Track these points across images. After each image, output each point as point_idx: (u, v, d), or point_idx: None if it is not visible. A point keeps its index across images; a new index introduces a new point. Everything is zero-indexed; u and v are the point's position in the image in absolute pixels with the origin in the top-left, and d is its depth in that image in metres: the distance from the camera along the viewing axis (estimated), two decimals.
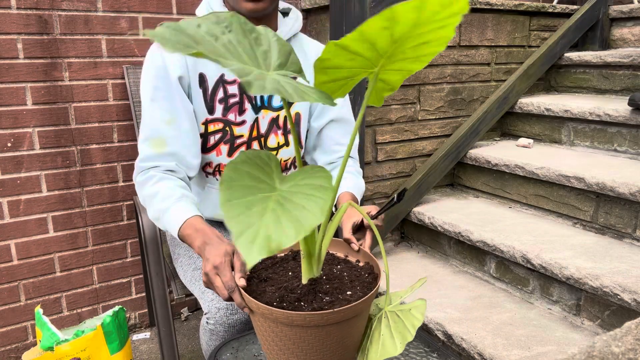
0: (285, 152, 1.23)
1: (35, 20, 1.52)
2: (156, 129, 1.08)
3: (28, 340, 1.73)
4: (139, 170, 1.10)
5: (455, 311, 1.52)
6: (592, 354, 0.40)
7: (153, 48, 1.11)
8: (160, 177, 1.07)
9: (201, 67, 1.12)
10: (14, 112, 1.55)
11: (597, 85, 2.22)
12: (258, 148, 1.20)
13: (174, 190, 1.05)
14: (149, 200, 1.06)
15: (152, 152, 1.08)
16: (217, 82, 1.13)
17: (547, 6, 2.27)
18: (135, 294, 1.90)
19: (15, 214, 1.61)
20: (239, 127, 1.17)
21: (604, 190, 1.58)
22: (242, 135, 1.18)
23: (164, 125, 1.08)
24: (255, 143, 1.19)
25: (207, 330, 1.07)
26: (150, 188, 1.06)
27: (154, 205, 1.05)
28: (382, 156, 1.94)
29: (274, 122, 1.19)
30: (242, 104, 1.16)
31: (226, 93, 1.14)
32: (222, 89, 1.14)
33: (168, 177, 1.08)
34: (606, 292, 1.32)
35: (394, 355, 0.77)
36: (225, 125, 1.16)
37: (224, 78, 1.14)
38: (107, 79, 1.66)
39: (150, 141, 1.09)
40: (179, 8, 1.71)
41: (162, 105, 1.09)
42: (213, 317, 1.06)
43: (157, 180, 1.07)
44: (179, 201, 1.02)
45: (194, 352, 1.81)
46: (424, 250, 2.00)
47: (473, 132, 2.06)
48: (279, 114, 1.19)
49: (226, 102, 1.14)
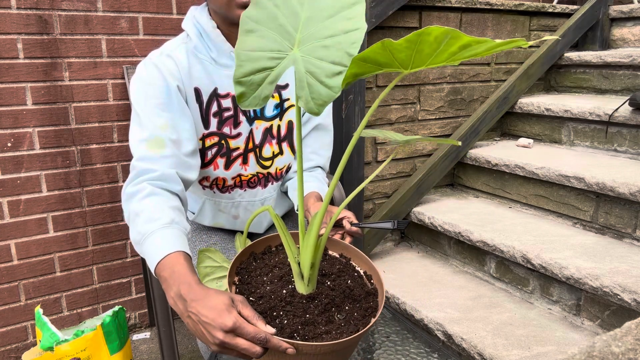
0: (280, 160, 1.22)
1: (35, 20, 1.52)
2: (152, 131, 1.03)
3: (28, 340, 1.73)
4: (134, 176, 0.99)
5: (455, 311, 1.51)
6: (592, 354, 0.40)
7: (146, 61, 1.08)
8: (150, 191, 0.94)
9: (195, 81, 1.09)
10: (14, 112, 1.55)
11: (597, 85, 2.22)
12: (254, 160, 1.19)
13: (162, 213, 0.90)
14: (133, 219, 0.92)
15: (151, 152, 1.01)
16: (210, 96, 1.11)
17: (547, 6, 2.27)
18: (135, 294, 1.90)
19: (15, 214, 1.61)
20: (235, 140, 1.15)
21: (604, 190, 1.58)
22: (238, 147, 1.16)
23: (160, 129, 1.03)
24: (251, 155, 1.18)
25: None
26: (136, 204, 0.93)
27: (137, 226, 0.90)
28: (382, 156, 1.94)
29: (267, 131, 1.18)
30: (237, 117, 1.14)
31: (220, 107, 1.12)
32: (215, 102, 1.12)
33: (159, 192, 0.96)
34: (606, 292, 1.32)
35: None
36: (220, 139, 1.14)
37: (217, 92, 1.12)
38: (107, 79, 1.66)
39: (148, 142, 1.01)
40: (179, 8, 1.71)
41: (158, 111, 1.04)
42: None
43: (146, 195, 0.93)
44: (164, 229, 0.87)
45: (194, 352, 1.81)
46: (424, 250, 2.00)
47: (473, 132, 2.06)
48: (272, 123, 1.19)
49: (220, 116, 1.13)
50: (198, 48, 1.09)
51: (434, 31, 0.51)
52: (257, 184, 1.22)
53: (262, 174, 1.21)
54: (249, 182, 1.21)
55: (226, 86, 1.12)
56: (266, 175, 1.22)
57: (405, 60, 0.56)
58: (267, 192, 1.25)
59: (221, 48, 1.09)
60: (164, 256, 0.82)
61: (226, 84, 1.12)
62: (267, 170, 1.22)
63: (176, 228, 0.89)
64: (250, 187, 1.22)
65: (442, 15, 1.96)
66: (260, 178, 1.22)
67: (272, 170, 1.22)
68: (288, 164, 1.25)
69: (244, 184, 1.21)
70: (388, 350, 0.91)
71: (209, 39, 1.09)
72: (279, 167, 1.23)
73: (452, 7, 1.96)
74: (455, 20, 2.00)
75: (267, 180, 1.23)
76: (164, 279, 0.80)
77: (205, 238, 1.27)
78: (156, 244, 0.85)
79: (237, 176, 1.19)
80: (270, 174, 1.23)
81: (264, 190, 1.24)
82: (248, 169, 1.19)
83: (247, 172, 1.19)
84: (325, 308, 0.73)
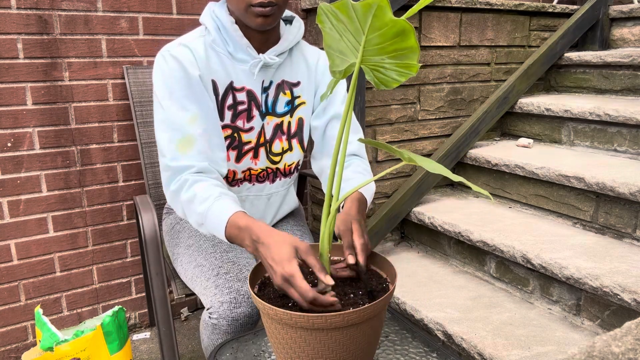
0: (289, 156, 1.24)
1: (35, 20, 1.52)
2: (180, 129, 1.05)
3: (28, 340, 1.73)
4: (172, 175, 1.04)
5: (455, 311, 1.52)
6: (592, 354, 0.40)
7: (164, 52, 1.09)
8: (194, 179, 1.02)
9: (213, 73, 1.11)
10: (14, 112, 1.55)
11: (597, 85, 2.22)
12: (264, 154, 1.20)
13: (212, 190, 0.99)
14: (188, 207, 1.01)
15: (182, 152, 1.04)
16: (226, 89, 1.13)
17: (547, 6, 2.27)
18: (135, 294, 1.90)
19: (15, 214, 1.61)
20: (247, 134, 1.17)
21: (604, 190, 1.58)
22: (250, 141, 1.18)
23: (188, 125, 1.05)
24: (262, 149, 1.20)
25: (209, 325, 1.07)
26: (185, 193, 1.01)
27: (194, 210, 0.99)
28: (382, 156, 1.94)
29: (278, 127, 1.20)
30: (251, 110, 1.16)
31: (235, 100, 1.14)
32: (231, 95, 1.14)
33: (202, 178, 1.03)
34: (606, 292, 1.32)
35: None
36: (233, 132, 1.16)
37: (233, 85, 1.14)
38: (107, 79, 1.66)
39: (178, 142, 1.05)
40: (179, 8, 1.71)
41: (183, 103, 1.06)
42: (216, 312, 1.05)
43: (192, 183, 1.02)
44: (218, 200, 0.96)
45: (194, 352, 1.81)
46: (424, 250, 2.00)
47: (473, 132, 2.06)
48: (283, 119, 1.21)
49: (235, 109, 1.15)
50: (216, 42, 1.12)
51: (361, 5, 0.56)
52: (266, 179, 1.24)
53: (271, 169, 1.23)
54: (258, 176, 1.23)
55: (242, 80, 1.14)
56: (275, 170, 1.24)
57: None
58: (274, 188, 1.26)
59: (238, 43, 1.11)
60: (226, 221, 0.92)
61: (242, 78, 1.14)
62: (276, 166, 1.23)
63: (226, 198, 0.97)
64: (258, 182, 1.24)
65: (442, 15, 1.96)
66: (269, 173, 1.24)
67: (281, 166, 1.24)
68: (297, 160, 1.26)
69: (253, 178, 1.22)
70: (387, 350, 0.91)
71: (227, 34, 1.11)
72: (287, 163, 1.25)
73: (452, 7, 1.96)
74: (455, 20, 2.00)
75: (275, 176, 1.25)
76: (235, 237, 0.91)
77: (210, 237, 1.26)
78: (216, 215, 0.94)
79: (247, 170, 1.21)
80: (279, 169, 1.24)
81: (271, 185, 1.26)
82: (258, 164, 1.21)
83: (257, 167, 1.21)
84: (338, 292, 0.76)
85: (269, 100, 1.19)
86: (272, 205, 1.29)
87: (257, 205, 1.26)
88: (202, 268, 1.17)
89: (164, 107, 1.06)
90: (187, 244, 1.27)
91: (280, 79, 1.19)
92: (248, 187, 1.23)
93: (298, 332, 0.67)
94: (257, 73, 1.14)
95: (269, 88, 1.18)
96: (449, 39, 2.00)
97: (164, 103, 1.06)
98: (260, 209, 1.27)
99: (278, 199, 1.29)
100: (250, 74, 1.15)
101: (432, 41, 1.95)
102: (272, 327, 0.71)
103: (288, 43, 1.17)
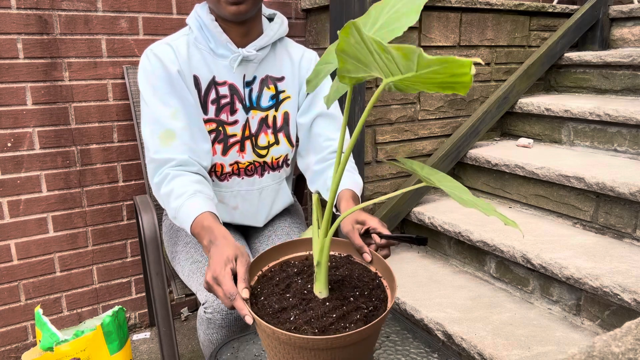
0: (276, 150, 1.26)
1: (35, 20, 1.52)
2: (162, 123, 1.10)
3: (28, 340, 1.73)
4: (155, 167, 1.10)
5: (455, 311, 1.52)
6: (592, 354, 0.40)
7: (147, 51, 1.15)
8: (174, 174, 1.08)
9: (194, 69, 1.16)
10: (14, 112, 1.55)
11: (597, 85, 2.22)
12: (250, 147, 1.23)
13: (187, 187, 1.05)
14: (166, 200, 1.07)
15: (164, 145, 1.10)
16: (209, 84, 1.17)
17: (547, 6, 2.27)
18: (135, 294, 1.90)
19: (15, 214, 1.61)
20: (232, 127, 1.20)
21: (604, 190, 1.58)
22: (235, 134, 1.21)
23: (169, 119, 1.11)
24: (248, 142, 1.23)
25: (205, 320, 1.09)
26: (165, 187, 1.08)
27: (170, 204, 1.05)
28: (382, 156, 1.94)
29: (263, 121, 1.23)
30: (233, 104, 1.20)
31: (218, 94, 1.18)
32: (214, 90, 1.18)
33: (182, 173, 1.09)
34: (606, 292, 1.32)
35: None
36: (218, 125, 1.19)
37: (216, 80, 1.18)
38: (107, 79, 1.66)
39: (160, 136, 1.10)
40: (179, 8, 1.71)
41: (165, 99, 1.11)
42: (211, 306, 1.08)
43: (171, 178, 1.08)
44: (190, 198, 1.02)
45: (194, 352, 1.81)
46: (424, 250, 2.00)
47: (473, 132, 2.06)
48: (268, 113, 1.23)
49: (218, 103, 1.18)
50: (198, 39, 1.16)
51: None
52: (255, 172, 1.26)
53: (258, 163, 1.25)
54: (246, 170, 1.25)
55: (223, 75, 1.18)
56: (262, 164, 1.26)
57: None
58: (264, 182, 1.28)
59: (218, 39, 1.15)
60: (193, 219, 0.98)
61: (223, 73, 1.18)
62: (263, 159, 1.25)
63: (200, 196, 1.03)
64: (247, 175, 1.26)
65: (442, 16, 1.96)
66: (257, 167, 1.26)
67: (268, 159, 1.26)
68: (285, 154, 1.28)
69: (242, 171, 1.25)
70: (388, 350, 0.91)
71: (208, 31, 1.15)
72: (274, 157, 1.27)
73: (452, 7, 1.96)
74: (455, 20, 2.00)
75: (263, 169, 1.27)
76: (197, 234, 0.97)
77: None
78: (186, 212, 1.00)
79: (234, 163, 1.23)
80: (266, 162, 1.26)
81: (261, 179, 1.28)
82: (245, 157, 1.23)
83: (244, 160, 1.23)
84: (333, 306, 0.74)
85: (253, 94, 1.21)
86: (264, 200, 1.30)
87: (250, 200, 1.28)
88: (198, 264, 1.20)
89: (147, 103, 1.12)
90: (185, 241, 1.29)
91: (265, 74, 1.22)
92: (238, 181, 1.25)
93: (297, 349, 0.67)
94: (236, 67, 1.17)
95: (252, 82, 1.21)
96: (449, 39, 2.00)
97: (148, 99, 1.12)
98: (253, 203, 1.29)
99: (270, 193, 1.31)
100: (231, 69, 1.18)
101: (432, 41, 1.95)
102: (268, 340, 0.71)
103: (269, 38, 1.20)
